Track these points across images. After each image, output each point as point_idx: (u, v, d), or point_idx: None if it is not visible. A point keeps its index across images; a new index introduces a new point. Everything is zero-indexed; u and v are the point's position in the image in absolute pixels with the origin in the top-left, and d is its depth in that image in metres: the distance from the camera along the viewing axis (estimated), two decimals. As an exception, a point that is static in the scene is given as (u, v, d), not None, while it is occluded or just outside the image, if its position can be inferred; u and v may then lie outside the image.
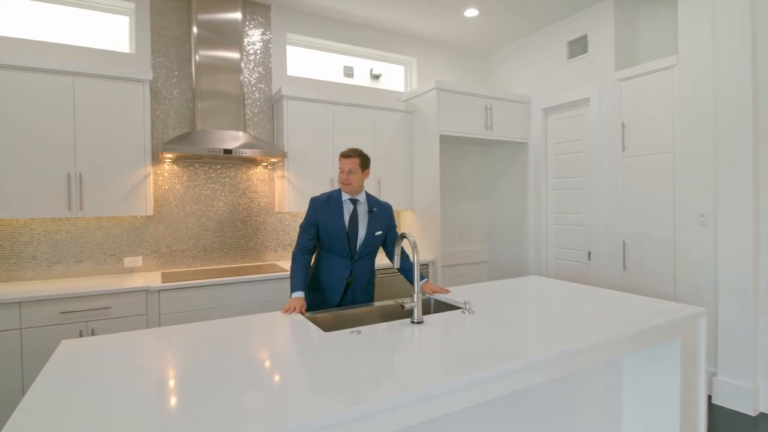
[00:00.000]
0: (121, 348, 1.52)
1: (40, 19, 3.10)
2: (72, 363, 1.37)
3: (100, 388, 1.17)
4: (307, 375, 1.26)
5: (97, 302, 2.62)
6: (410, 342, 1.56)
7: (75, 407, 1.06)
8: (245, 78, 3.61)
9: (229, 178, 3.55)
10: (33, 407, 1.06)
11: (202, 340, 1.60)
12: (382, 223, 2.33)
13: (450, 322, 1.80)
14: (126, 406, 1.06)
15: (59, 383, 1.21)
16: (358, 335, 1.62)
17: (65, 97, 2.77)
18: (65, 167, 2.78)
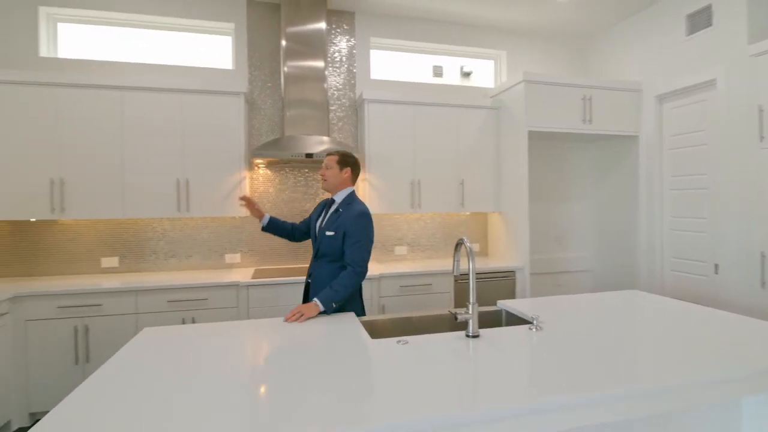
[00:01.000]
0: (188, 339, 1.66)
1: (157, 46, 3.60)
2: (142, 348, 1.53)
3: (153, 372, 1.29)
4: (342, 386, 1.23)
5: (196, 294, 2.94)
6: (459, 357, 1.44)
7: (128, 387, 1.18)
8: (330, 84, 3.75)
9: (316, 181, 3.72)
10: (97, 382, 1.20)
11: (254, 335, 1.68)
12: (337, 225, 2.15)
13: (511, 338, 1.63)
14: (169, 391, 1.15)
15: (125, 365, 1.36)
16: (404, 345, 1.55)
17: (175, 111, 3.16)
18: (175, 173, 3.17)
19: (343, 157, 2.26)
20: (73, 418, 1.03)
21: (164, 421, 1.01)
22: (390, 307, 3.23)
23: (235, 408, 1.07)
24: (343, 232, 2.12)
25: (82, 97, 3.02)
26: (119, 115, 3.08)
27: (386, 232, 3.87)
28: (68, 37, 3.49)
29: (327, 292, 2.00)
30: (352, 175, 2.28)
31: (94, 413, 1.05)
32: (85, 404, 1.10)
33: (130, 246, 3.40)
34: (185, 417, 1.03)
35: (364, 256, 2.10)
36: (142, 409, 1.07)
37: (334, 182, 2.24)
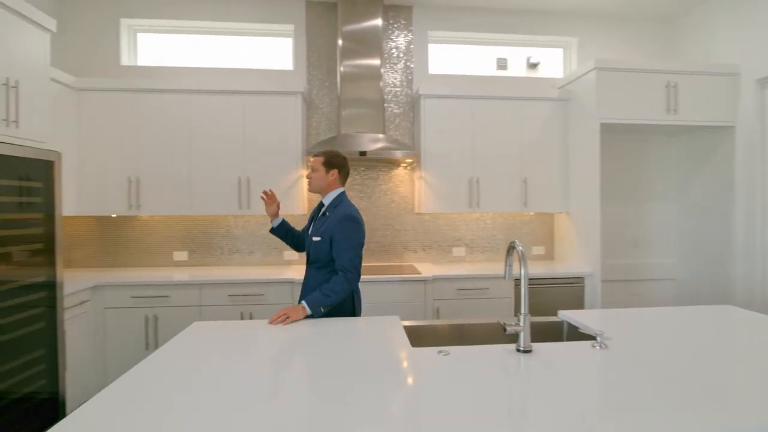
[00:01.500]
0: (232, 336, 1.68)
1: (224, 51, 3.76)
2: (188, 342, 1.58)
3: (192, 366, 1.31)
4: (367, 401, 1.16)
5: (253, 289, 3.04)
6: (506, 375, 1.31)
7: (167, 377, 1.20)
8: (386, 81, 3.70)
9: (372, 179, 3.69)
10: (142, 370, 1.24)
11: (293, 335, 1.67)
12: (324, 229, 2.06)
13: (569, 356, 1.46)
14: (200, 387, 1.15)
15: (171, 356, 1.40)
16: (445, 357, 1.45)
17: (237, 112, 3.28)
18: (237, 172, 3.29)
19: (329, 158, 2.15)
20: (112, 404, 1.06)
21: (185, 418, 1.00)
22: (445, 310, 3.11)
23: (248, 413, 1.04)
24: (329, 236, 2.03)
25: (155, 102, 3.23)
26: (187, 117, 3.25)
27: (443, 232, 3.74)
28: (145, 46, 3.77)
29: (316, 296, 1.94)
30: (340, 176, 2.18)
31: (132, 402, 1.08)
32: (127, 391, 1.13)
33: (198, 241, 3.59)
34: (207, 417, 1.01)
35: (354, 261, 2.01)
36: (172, 401, 1.08)
37: (321, 184, 2.15)
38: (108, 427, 0.99)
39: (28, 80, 2.37)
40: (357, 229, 2.06)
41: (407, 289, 3.08)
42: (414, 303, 3.07)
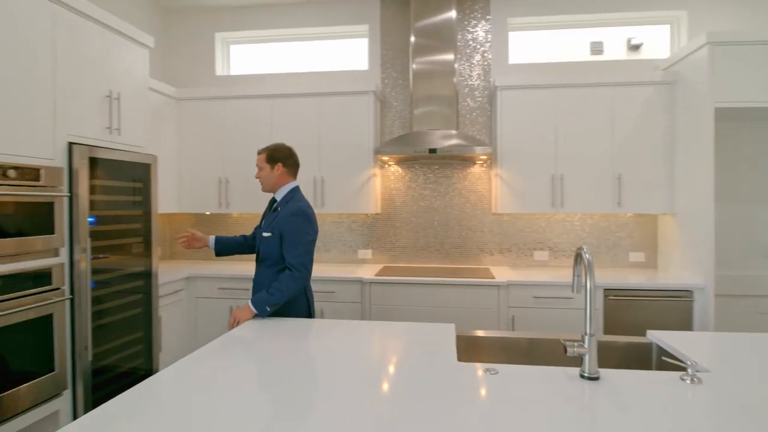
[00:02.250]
0: (285, 333, 1.71)
1: (305, 56, 3.90)
2: (240, 336, 1.63)
3: (230, 361, 1.34)
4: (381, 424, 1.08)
5: (325, 286, 3.10)
6: (562, 405, 1.11)
7: (215, 367, 1.24)
8: (461, 75, 3.53)
9: (446, 177, 3.55)
10: (195, 359, 1.30)
11: (342, 337, 1.63)
12: (273, 225, 2.01)
13: (647, 388, 1.21)
14: (237, 380, 1.17)
15: (222, 347, 1.45)
16: (493, 375, 1.30)
17: (313, 114, 3.37)
18: (312, 171, 3.39)
19: (270, 153, 2.09)
20: (161, 386, 1.12)
21: (209, 416, 1.01)
22: (520, 320, 2.87)
23: (259, 415, 1.02)
24: (279, 232, 1.98)
25: (241, 107, 3.46)
26: (269, 120, 3.43)
27: (523, 234, 3.47)
28: (237, 56, 4.06)
29: (262, 295, 1.90)
30: (288, 168, 2.11)
31: (183, 385, 1.13)
32: (180, 374, 1.19)
33: (278, 238, 3.78)
34: (229, 420, 1.01)
35: (303, 258, 1.96)
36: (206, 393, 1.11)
37: (271, 182, 2.10)
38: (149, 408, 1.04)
39: (129, 92, 2.67)
40: (307, 225, 2.00)
41: (479, 294, 2.90)
42: (487, 310, 2.89)
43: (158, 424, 0.99)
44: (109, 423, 1.00)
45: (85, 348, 2.31)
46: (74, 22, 2.27)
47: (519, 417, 1.04)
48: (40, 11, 2.09)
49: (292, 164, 2.16)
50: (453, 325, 1.82)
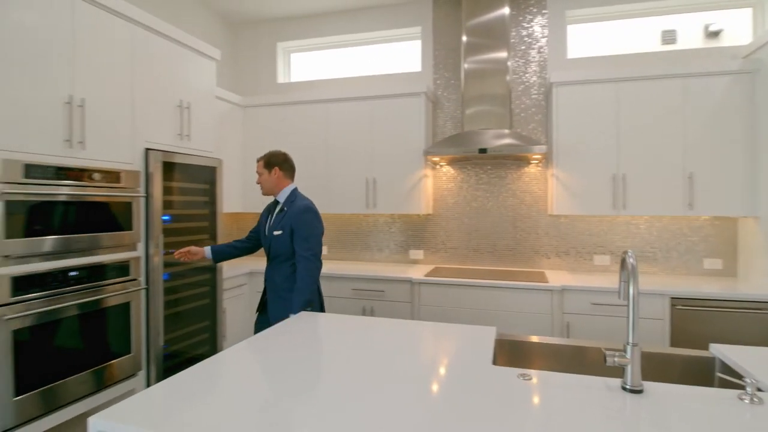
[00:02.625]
0: (328, 329, 1.78)
1: (360, 61, 3.99)
2: (284, 330, 1.72)
3: (270, 354, 1.43)
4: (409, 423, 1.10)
5: (374, 285, 3.16)
6: (598, 419, 1.05)
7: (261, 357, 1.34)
8: (516, 73, 3.43)
9: (499, 178, 3.47)
10: (242, 348, 1.42)
11: (382, 335, 1.66)
12: (283, 223, 2.20)
13: (699, 406, 1.12)
14: (271, 370, 1.25)
15: (276, 335, 1.55)
16: (527, 381, 1.27)
17: (365, 116, 3.46)
18: (365, 173, 3.47)
19: (268, 159, 2.29)
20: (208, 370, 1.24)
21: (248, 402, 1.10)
22: (576, 327, 2.74)
23: (293, 412, 1.08)
24: (290, 228, 2.17)
25: (299, 113, 3.63)
26: (325, 124, 3.57)
27: (582, 237, 3.29)
28: (297, 64, 4.26)
29: (294, 302, 2.07)
30: (284, 172, 2.30)
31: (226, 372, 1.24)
32: (223, 361, 1.31)
33: (335, 237, 3.91)
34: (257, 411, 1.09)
35: (314, 250, 2.15)
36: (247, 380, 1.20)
37: (270, 186, 2.30)
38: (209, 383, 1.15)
39: (198, 101, 2.91)
40: (316, 220, 2.21)
41: (531, 298, 2.81)
42: (540, 315, 2.79)
43: (219, 391, 1.09)
44: (179, 388, 1.12)
45: (158, 334, 2.57)
46: (149, 39, 2.53)
47: (545, 427, 1.02)
48: (121, 32, 2.35)
49: (288, 168, 2.34)
50: (494, 328, 1.79)
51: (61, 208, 2.02)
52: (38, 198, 1.92)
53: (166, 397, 1.14)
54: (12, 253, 1.82)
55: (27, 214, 1.88)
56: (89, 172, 2.16)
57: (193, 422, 1.01)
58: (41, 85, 1.95)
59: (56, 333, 2.00)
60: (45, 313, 1.94)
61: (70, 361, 2.06)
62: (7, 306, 1.81)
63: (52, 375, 1.98)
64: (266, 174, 2.30)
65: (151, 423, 1.00)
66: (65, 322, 2.05)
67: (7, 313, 1.79)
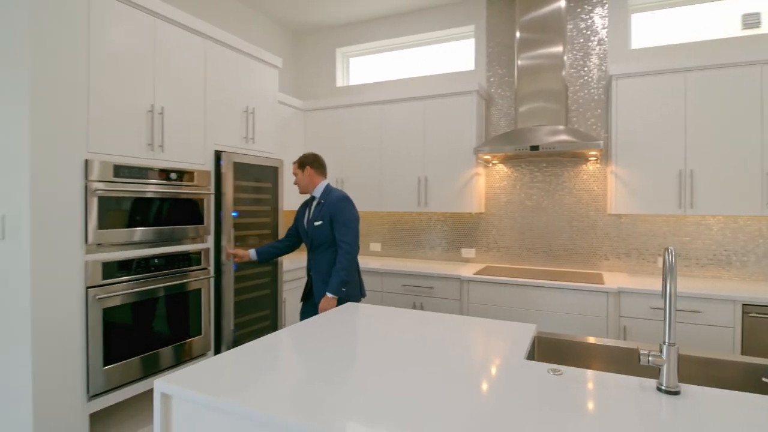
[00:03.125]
0: (367, 320, 1.88)
1: (411, 63, 4.06)
2: (330, 319, 1.85)
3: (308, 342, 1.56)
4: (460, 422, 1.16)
5: (424, 281, 3.22)
6: (630, 418, 1.03)
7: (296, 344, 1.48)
8: (574, 67, 3.31)
9: (555, 176, 3.38)
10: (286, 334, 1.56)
11: (418, 327, 1.73)
12: (323, 214, 2.41)
13: (740, 411, 1.07)
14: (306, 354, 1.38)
15: (324, 321, 1.69)
16: (555, 376, 1.27)
17: (418, 116, 3.53)
18: (417, 172, 3.54)
19: (300, 160, 2.52)
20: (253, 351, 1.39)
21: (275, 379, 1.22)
22: (634, 331, 2.61)
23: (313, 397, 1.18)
24: (329, 218, 2.38)
25: (355, 115, 3.78)
26: (379, 125, 3.69)
27: (645, 238, 3.11)
28: (355, 68, 4.42)
29: (332, 282, 2.30)
30: (316, 170, 2.51)
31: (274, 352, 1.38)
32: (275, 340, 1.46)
33: (389, 234, 4.02)
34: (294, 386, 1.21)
35: (352, 236, 2.35)
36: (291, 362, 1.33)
37: (305, 183, 2.52)
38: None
39: (262, 107, 3.15)
40: (352, 208, 2.42)
41: (585, 300, 2.72)
42: (595, 317, 2.69)
43: (261, 368, 1.24)
44: (227, 363, 1.29)
45: (227, 318, 2.83)
46: (219, 52, 2.79)
47: (568, 423, 1.03)
48: (195, 46, 2.62)
49: (318, 166, 2.54)
50: (534, 325, 1.78)
51: (143, 204, 2.31)
52: (125, 194, 2.21)
53: (215, 370, 1.30)
54: (103, 242, 2.12)
55: (116, 209, 2.18)
56: (167, 171, 2.44)
57: (235, 389, 1.15)
58: (129, 97, 2.24)
59: (138, 312, 2.30)
60: (129, 294, 2.24)
61: (149, 338, 2.35)
62: (99, 287, 2.11)
63: (134, 349, 2.27)
64: (300, 174, 2.53)
65: (200, 387, 1.16)
66: (146, 303, 2.34)
67: (99, 293, 2.10)
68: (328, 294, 2.30)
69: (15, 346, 1.90)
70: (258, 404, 1.07)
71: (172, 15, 2.45)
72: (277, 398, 1.10)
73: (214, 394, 1.12)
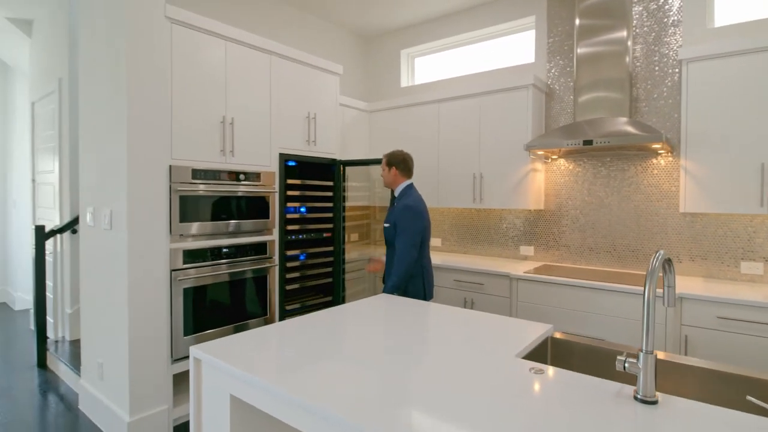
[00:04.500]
0: (387, 312, 2.03)
1: (472, 59, 4.04)
2: (361, 307, 2.04)
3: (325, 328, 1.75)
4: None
5: (474, 278, 3.26)
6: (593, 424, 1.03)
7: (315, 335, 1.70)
8: (643, 51, 3.04)
9: (621, 171, 3.16)
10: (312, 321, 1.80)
11: (430, 319, 1.84)
12: (391, 217, 2.56)
13: (720, 426, 1.03)
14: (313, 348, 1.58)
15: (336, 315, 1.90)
16: (536, 375, 1.31)
17: (474, 113, 3.54)
18: (472, 168, 3.56)
19: (388, 158, 2.64)
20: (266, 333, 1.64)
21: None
22: (696, 342, 2.39)
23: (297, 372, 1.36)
24: (394, 222, 2.51)
25: (415, 114, 3.91)
26: (436, 123, 3.77)
27: (724, 241, 2.78)
28: (420, 68, 4.53)
29: (387, 286, 2.46)
30: (400, 171, 2.62)
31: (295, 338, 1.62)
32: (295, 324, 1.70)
33: (448, 230, 4.09)
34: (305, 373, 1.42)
35: (407, 244, 2.44)
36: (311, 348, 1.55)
37: (388, 181, 2.67)
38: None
39: (323, 112, 3.43)
40: (414, 218, 2.46)
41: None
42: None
43: (286, 343, 1.48)
44: (256, 339, 1.55)
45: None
46: (283, 65, 3.11)
47: (523, 421, 1.09)
48: (261, 62, 2.97)
49: (403, 167, 2.66)
50: (549, 326, 1.78)
51: (217, 201, 2.72)
52: (201, 193, 2.63)
53: (243, 344, 1.57)
54: (184, 233, 2.56)
55: (194, 205, 2.60)
56: (237, 173, 2.83)
57: (263, 361, 1.40)
58: (204, 111, 2.65)
59: (212, 293, 2.72)
60: (204, 277, 2.67)
61: (223, 315, 2.77)
62: (181, 270, 2.56)
63: (209, 324, 2.70)
64: (386, 171, 2.69)
65: (227, 356, 1.42)
66: (220, 285, 2.76)
67: (180, 276, 2.54)
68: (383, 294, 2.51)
69: (119, 316, 2.41)
70: (259, 372, 1.30)
71: (241, 37, 2.81)
72: (275, 369, 1.32)
73: (229, 361, 1.38)
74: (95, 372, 2.66)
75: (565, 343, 1.70)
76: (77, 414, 2.82)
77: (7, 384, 3.29)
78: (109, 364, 2.52)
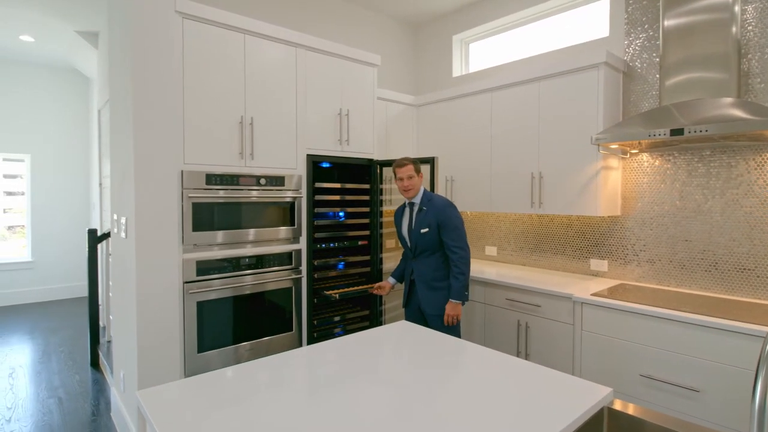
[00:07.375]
0: (405, 340, 1.66)
1: (534, 39, 3.47)
2: (380, 335, 1.69)
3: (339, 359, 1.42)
4: None
5: (530, 298, 2.74)
6: None
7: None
8: (751, 14, 2.31)
9: (725, 168, 2.45)
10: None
11: (461, 365, 1.43)
12: (428, 220, 2.44)
13: None
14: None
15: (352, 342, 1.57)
16: None
17: (532, 101, 3.00)
18: (530, 167, 3.03)
19: (416, 164, 2.50)
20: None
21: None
22: None
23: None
24: (436, 224, 2.43)
25: (465, 105, 3.46)
26: (488, 114, 3.29)
27: None
28: (475, 55, 4.04)
29: (454, 288, 2.38)
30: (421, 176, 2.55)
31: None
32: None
33: (505, 237, 3.58)
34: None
35: (463, 240, 2.42)
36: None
37: (418, 187, 2.52)
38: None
39: (357, 108, 3.12)
40: (458, 213, 2.48)
41: (750, 348, 1.89)
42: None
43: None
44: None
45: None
46: (310, 57, 2.84)
47: None
48: (284, 55, 2.73)
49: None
50: (609, 390, 1.28)
51: (234, 208, 2.52)
52: (216, 200, 2.44)
53: (209, 395, 1.29)
54: (197, 242, 2.39)
55: (209, 213, 2.42)
56: (257, 177, 2.61)
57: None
58: (220, 111, 2.46)
59: (230, 307, 2.53)
60: (221, 290, 2.48)
61: (242, 331, 2.57)
62: (194, 282, 2.38)
63: (227, 340, 2.51)
64: (416, 177, 2.52)
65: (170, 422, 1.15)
66: (238, 299, 2.56)
67: (193, 288, 2.37)
68: (452, 300, 2.40)
69: (131, 329, 2.30)
70: None
71: (261, 29, 2.59)
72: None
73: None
74: (120, 382, 2.60)
75: (627, 419, 1.20)
76: (107, 421, 2.79)
77: (60, 382, 3.41)
78: (127, 376, 2.43)
